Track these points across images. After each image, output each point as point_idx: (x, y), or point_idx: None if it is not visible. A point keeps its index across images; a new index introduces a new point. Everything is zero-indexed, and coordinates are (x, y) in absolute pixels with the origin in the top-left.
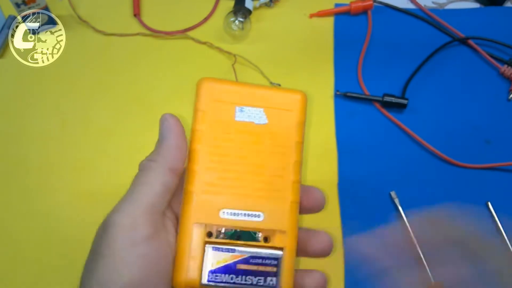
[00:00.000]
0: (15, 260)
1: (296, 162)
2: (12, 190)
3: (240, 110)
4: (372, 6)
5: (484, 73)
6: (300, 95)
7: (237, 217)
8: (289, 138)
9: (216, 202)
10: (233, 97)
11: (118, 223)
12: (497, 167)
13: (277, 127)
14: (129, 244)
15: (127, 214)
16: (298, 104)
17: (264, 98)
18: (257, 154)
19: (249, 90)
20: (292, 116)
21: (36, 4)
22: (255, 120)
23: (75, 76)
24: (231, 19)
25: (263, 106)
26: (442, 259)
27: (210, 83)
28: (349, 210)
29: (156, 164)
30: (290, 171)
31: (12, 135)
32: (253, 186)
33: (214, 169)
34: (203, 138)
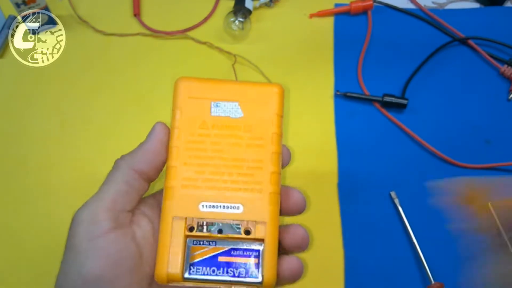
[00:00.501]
0: (15, 260)
1: (275, 153)
2: (12, 190)
3: (216, 105)
4: (372, 6)
5: (484, 73)
6: (277, 88)
7: (216, 210)
8: (266, 129)
9: (196, 195)
10: (208, 93)
11: (80, 219)
12: (497, 167)
13: (253, 119)
14: (89, 238)
15: (88, 210)
16: (274, 97)
17: (239, 93)
18: (234, 147)
19: (224, 85)
20: (269, 108)
21: (36, 4)
22: (231, 114)
23: (75, 76)
24: (231, 19)
25: (238, 100)
26: None
27: (185, 82)
28: (349, 210)
29: (122, 163)
30: (269, 162)
31: (12, 135)
32: (232, 179)
33: (192, 164)
34: (180, 134)
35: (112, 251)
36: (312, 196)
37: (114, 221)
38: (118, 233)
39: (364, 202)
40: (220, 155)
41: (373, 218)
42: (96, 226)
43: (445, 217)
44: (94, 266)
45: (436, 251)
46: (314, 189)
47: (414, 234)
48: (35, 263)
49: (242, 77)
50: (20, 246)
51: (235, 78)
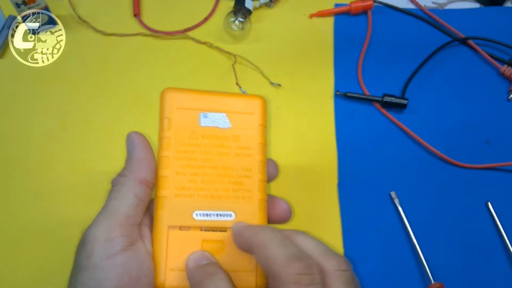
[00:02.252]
0: (15, 260)
1: (262, 162)
2: (12, 190)
3: (204, 116)
4: (372, 6)
5: (484, 73)
6: (260, 100)
7: (209, 218)
8: (253, 140)
9: (189, 204)
10: (196, 104)
11: (95, 236)
12: (497, 167)
13: (240, 130)
14: (106, 256)
15: (102, 227)
16: (258, 108)
17: (226, 104)
18: (224, 156)
19: (211, 97)
20: (254, 119)
21: (36, 4)
22: (219, 124)
23: (75, 76)
24: (231, 19)
25: (225, 111)
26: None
27: (173, 93)
28: (349, 210)
29: (126, 179)
30: (257, 171)
31: (12, 135)
32: (223, 187)
33: (184, 173)
34: (170, 144)
35: (131, 267)
36: (312, 196)
37: (128, 237)
38: (134, 248)
39: (364, 202)
40: (211, 164)
41: (373, 218)
42: (113, 244)
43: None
44: (114, 282)
45: (436, 251)
46: (314, 189)
47: (414, 234)
48: (35, 263)
49: (242, 77)
50: (20, 246)
51: (235, 78)
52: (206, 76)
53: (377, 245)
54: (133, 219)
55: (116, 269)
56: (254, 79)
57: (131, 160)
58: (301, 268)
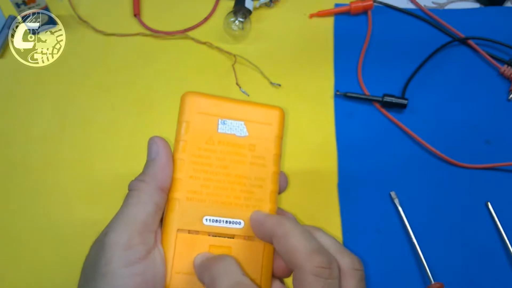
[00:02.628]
0: (15, 260)
1: (275, 173)
2: (12, 190)
3: (223, 122)
4: (372, 6)
5: (484, 73)
6: (278, 111)
7: (219, 224)
8: (268, 150)
9: (199, 209)
10: (216, 110)
11: (115, 242)
12: (497, 167)
13: (257, 139)
14: (126, 263)
15: (122, 233)
16: (276, 119)
17: (245, 112)
18: (238, 164)
19: (231, 104)
20: (271, 130)
21: (36, 4)
22: (236, 132)
23: (75, 76)
24: (231, 19)
25: (244, 119)
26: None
27: (194, 97)
28: (349, 210)
29: (146, 185)
30: (269, 181)
31: (12, 135)
32: (234, 194)
33: (197, 177)
34: (187, 148)
35: (149, 277)
36: (312, 196)
37: (146, 244)
38: (150, 256)
39: (364, 202)
40: (225, 171)
41: (373, 218)
42: (132, 251)
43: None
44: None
45: (436, 251)
46: (314, 189)
47: (414, 234)
48: (35, 263)
49: (242, 77)
50: (20, 246)
51: (235, 78)
52: (206, 76)
53: (377, 245)
54: (151, 226)
55: (135, 278)
56: (254, 79)
57: (152, 165)
58: (322, 262)
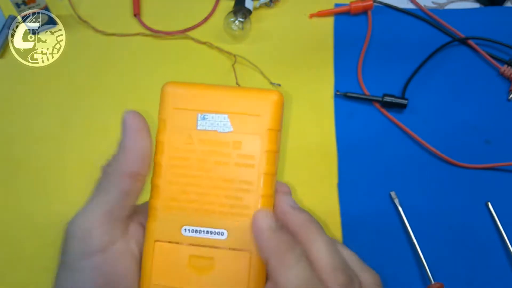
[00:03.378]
0: (15, 260)
1: (267, 174)
2: (12, 190)
3: (203, 117)
4: (372, 6)
5: (484, 73)
6: (272, 97)
7: (199, 235)
8: (258, 147)
9: (178, 218)
10: (196, 102)
11: (73, 233)
12: (497, 167)
13: (243, 134)
14: (83, 255)
15: (81, 223)
16: (269, 108)
17: (229, 103)
18: (220, 166)
19: (213, 93)
20: (261, 122)
21: (36, 4)
22: (219, 128)
23: (75, 76)
24: (231, 19)
25: (227, 111)
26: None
27: (171, 89)
28: (349, 210)
29: (111, 169)
30: (259, 184)
31: (12, 135)
32: (218, 201)
33: (176, 183)
34: (164, 150)
35: (107, 270)
36: (312, 196)
37: (108, 235)
38: (113, 249)
39: (364, 202)
40: (207, 174)
41: (373, 218)
42: (91, 242)
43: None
44: (89, 286)
45: (436, 251)
46: (314, 189)
47: (414, 234)
48: (34, 263)
49: (242, 77)
50: (20, 246)
51: (235, 78)
52: (206, 76)
53: (377, 245)
54: (117, 214)
55: (91, 271)
56: (254, 79)
57: (121, 148)
58: (345, 280)
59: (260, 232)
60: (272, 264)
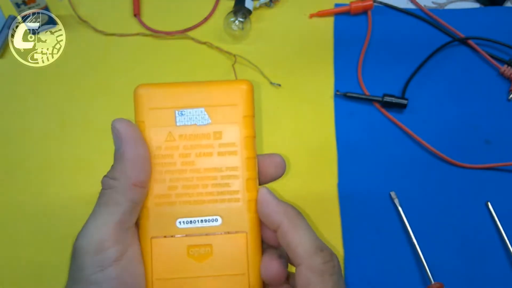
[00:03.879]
0: (15, 260)
1: (249, 158)
2: (12, 190)
3: (180, 113)
4: (372, 6)
5: (484, 73)
6: (243, 86)
7: (194, 225)
8: (237, 134)
9: (171, 213)
10: (171, 100)
11: (84, 247)
12: (497, 167)
13: (222, 124)
14: (98, 268)
15: (93, 238)
16: (242, 96)
17: (203, 96)
18: (204, 157)
19: (186, 90)
20: (237, 110)
21: (36, 4)
22: (197, 121)
23: (75, 76)
24: (231, 19)
25: (203, 105)
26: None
27: (144, 90)
28: (349, 210)
29: (118, 183)
30: (243, 169)
31: (12, 135)
32: (207, 190)
33: (163, 180)
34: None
35: (126, 278)
36: (312, 196)
37: (122, 244)
38: (128, 256)
39: (364, 202)
40: (192, 167)
41: (373, 218)
42: (105, 254)
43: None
44: None
45: (436, 251)
46: (314, 189)
47: (414, 234)
48: (34, 263)
49: (242, 77)
50: (20, 246)
51: (235, 78)
52: (206, 76)
53: (377, 245)
54: (126, 224)
55: (110, 282)
56: (254, 79)
57: (122, 159)
58: (326, 257)
59: (268, 203)
60: (285, 227)
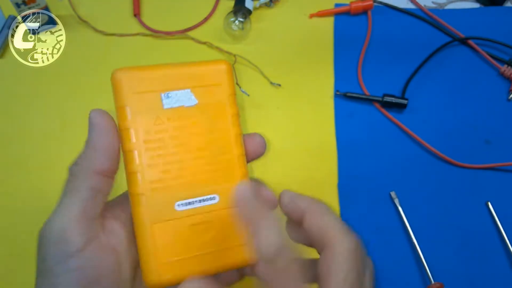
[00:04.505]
0: (15, 261)
1: (237, 135)
2: (12, 190)
3: (166, 96)
4: (372, 6)
5: (484, 73)
6: (224, 66)
7: (193, 206)
8: (224, 112)
9: (168, 197)
10: (155, 84)
11: (48, 237)
12: (497, 167)
13: (208, 104)
14: (61, 259)
15: (54, 227)
16: (224, 76)
17: (188, 78)
18: (195, 137)
19: (170, 72)
20: (221, 89)
21: (36, 4)
22: (185, 103)
23: (75, 76)
24: (231, 19)
25: (189, 86)
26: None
27: (127, 74)
28: (349, 210)
29: (80, 168)
30: (233, 145)
31: (12, 135)
32: (200, 170)
33: (156, 165)
34: (135, 136)
35: (89, 270)
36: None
37: (85, 234)
38: (92, 248)
39: (364, 202)
40: (184, 149)
41: (373, 218)
42: (67, 245)
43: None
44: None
45: (436, 251)
46: (314, 190)
47: (414, 234)
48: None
49: (242, 77)
50: (20, 247)
51: (235, 78)
52: None
53: (377, 245)
54: (90, 213)
55: (71, 274)
56: (254, 79)
57: (89, 146)
58: (356, 241)
59: (292, 195)
60: (315, 212)
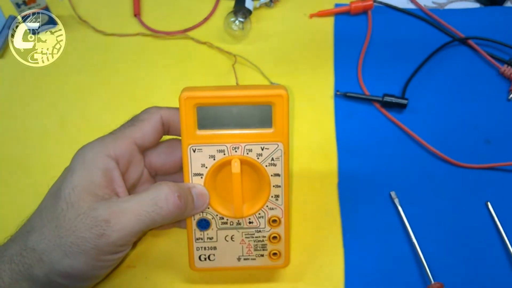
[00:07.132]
0: None
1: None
2: (12, 190)
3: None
4: (372, 6)
5: (484, 73)
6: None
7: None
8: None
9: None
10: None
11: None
12: (497, 167)
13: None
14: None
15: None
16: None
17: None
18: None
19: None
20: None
21: (36, 4)
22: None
23: (75, 76)
24: (231, 19)
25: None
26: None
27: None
28: (349, 210)
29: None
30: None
31: (12, 135)
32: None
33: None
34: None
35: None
36: (312, 196)
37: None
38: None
39: (364, 202)
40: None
41: (373, 218)
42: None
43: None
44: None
45: (436, 251)
46: (314, 189)
47: (414, 234)
48: None
49: (242, 77)
50: None
51: (235, 78)
52: (206, 76)
53: (377, 245)
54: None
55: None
56: (254, 79)
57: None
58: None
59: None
60: None
